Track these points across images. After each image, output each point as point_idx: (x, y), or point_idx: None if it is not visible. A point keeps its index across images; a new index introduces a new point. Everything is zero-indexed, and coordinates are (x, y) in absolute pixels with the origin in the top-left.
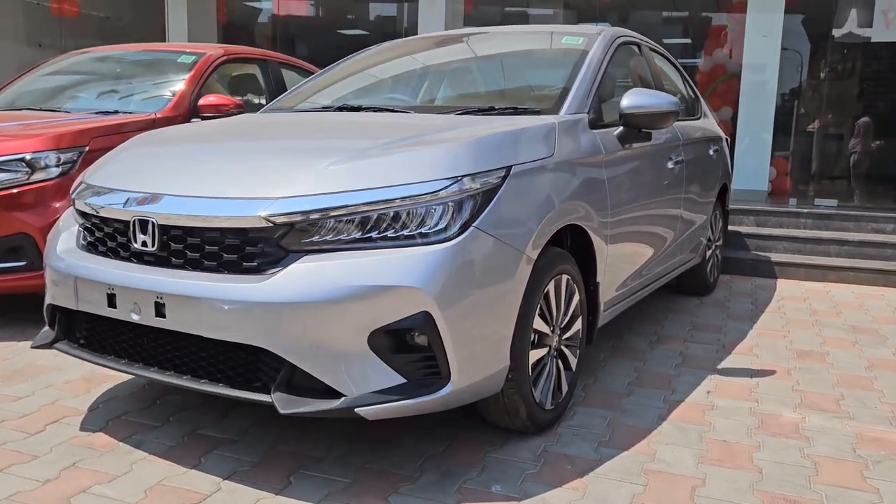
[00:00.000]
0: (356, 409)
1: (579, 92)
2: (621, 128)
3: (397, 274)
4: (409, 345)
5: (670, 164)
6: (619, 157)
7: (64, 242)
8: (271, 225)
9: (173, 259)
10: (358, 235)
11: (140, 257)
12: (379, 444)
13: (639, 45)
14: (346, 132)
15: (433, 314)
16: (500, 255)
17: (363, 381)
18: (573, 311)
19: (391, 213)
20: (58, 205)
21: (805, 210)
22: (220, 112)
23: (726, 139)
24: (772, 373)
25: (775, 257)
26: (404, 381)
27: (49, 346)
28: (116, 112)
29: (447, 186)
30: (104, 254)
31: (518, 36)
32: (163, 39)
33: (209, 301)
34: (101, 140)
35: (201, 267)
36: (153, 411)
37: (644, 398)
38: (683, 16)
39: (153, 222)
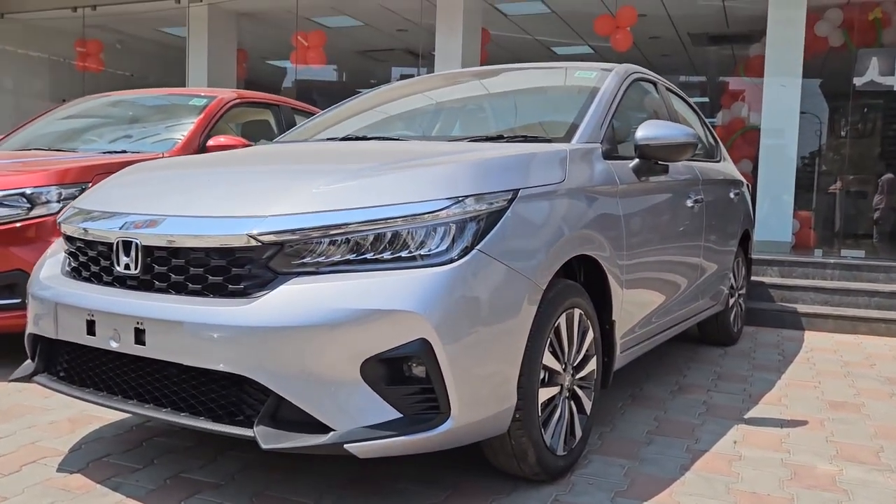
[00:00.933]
0: (346, 446)
1: (592, 121)
2: (636, 160)
3: (393, 297)
4: (406, 376)
5: (689, 203)
6: (635, 189)
7: (48, 269)
8: (259, 244)
9: (156, 283)
10: (352, 257)
11: (123, 282)
12: (374, 491)
13: (654, 84)
14: (346, 157)
15: (431, 341)
16: (505, 281)
17: (354, 414)
18: (587, 350)
19: (388, 234)
20: (50, 243)
21: (832, 261)
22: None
23: (747, 185)
24: (804, 423)
25: (802, 308)
26: (399, 415)
27: (28, 378)
28: (125, 152)
29: (449, 206)
30: (87, 279)
31: (531, 73)
32: None
33: (190, 326)
34: (104, 178)
35: (185, 290)
36: (137, 453)
37: (665, 447)
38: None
39: (137, 243)
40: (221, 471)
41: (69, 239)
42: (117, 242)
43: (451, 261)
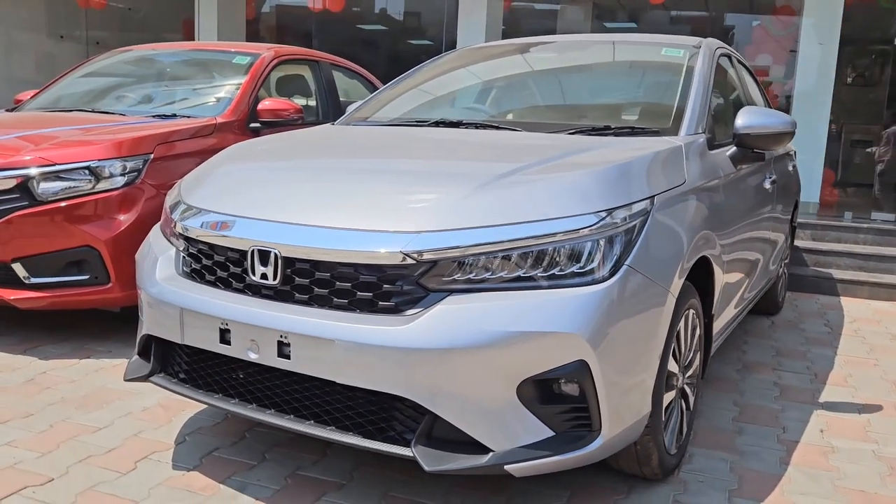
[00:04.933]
0: (506, 466)
1: (695, 111)
2: (734, 148)
3: (551, 318)
4: (558, 394)
5: (767, 185)
6: (732, 179)
7: (163, 268)
8: (413, 262)
9: (296, 294)
10: (505, 275)
11: (257, 290)
12: (496, 490)
13: (730, 58)
14: (469, 154)
15: (590, 362)
16: (649, 294)
17: (511, 434)
18: (694, 347)
19: (542, 251)
20: (122, 216)
21: (865, 225)
22: (279, 117)
23: (794, 152)
24: (878, 408)
25: (837, 274)
26: (552, 434)
27: (144, 378)
28: (175, 116)
29: (601, 220)
30: (213, 284)
31: (610, 46)
32: (186, 32)
33: (343, 344)
34: (165, 147)
35: (330, 304)
36: (245, 447)
37: (757, 438)
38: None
39: (276, 254)
40: (336, 468)
41: (188, 240)
42: (252, 251)
43: (605, 278)
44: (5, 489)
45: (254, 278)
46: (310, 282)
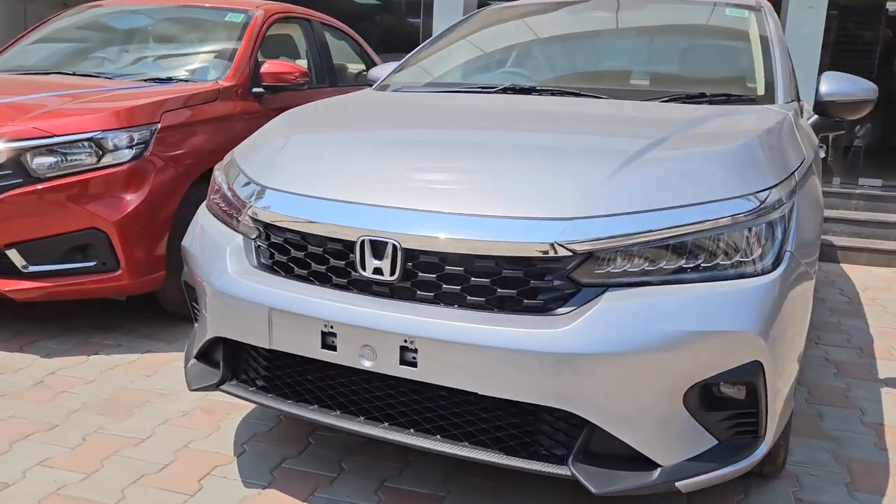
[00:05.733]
0: (676, 483)
1: (785, 77)
2: (815, 117)
3: (726, 316)
4: (725, 399)
5: (821, 154)
6: (814, 151)
7: (234, 260)
8: (569, 254)
9: (419, 292)
10: (667, 266)
11: (365, 287)
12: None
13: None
14: (578, 127)
15: (764, 363)
16: (805, 283)
17: (678, 446)
18: None
19: (705, 239)
20: (131, 195)
21: (856, 191)
22: (283, 81)
23: None
24: None
25: (836, 241)
26: (715, 443)
27: (214, 387)
28: (171, 80)
29: (762, 203)
30: (306, 279)
31: (665, 4)
32: None
33: (488, 350)
34: (172, 115)
35: (462, 303)
36: (315, 456)
37: (840, 421)
38: None
39: (394, 245)
40: (425, 477)
41: (269, 227)
42: (362, 242)
43: (771, 268)
44: None
45: (363, 273)
46: (437, 277)
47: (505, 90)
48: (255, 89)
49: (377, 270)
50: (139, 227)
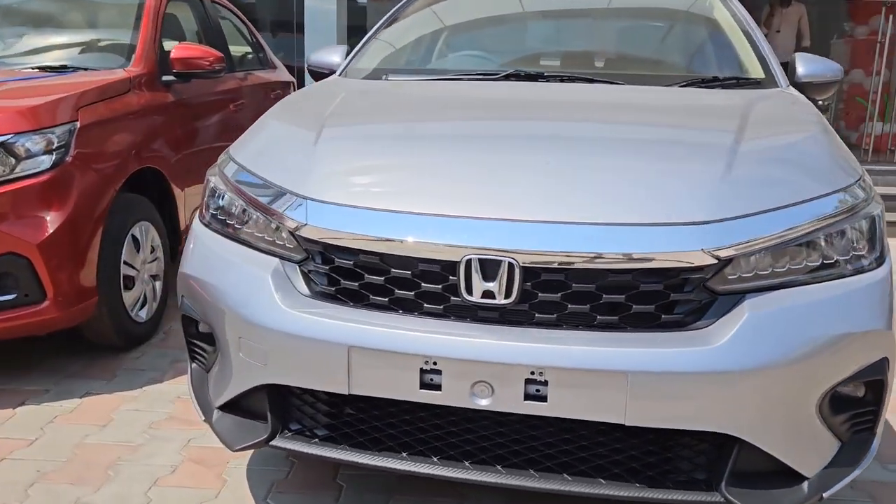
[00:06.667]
0: (824, 494)
1: (773, 58)
2: None
3: (863, 314)
4: (850, 399)
5: None
6: None
7: (281, 289)
8: (714, 262)
9: (537, 314)
10: (794, 266)
11: (468, 313)
12: None
13: None
14: (643, 118)
15: (890, 359)
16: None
17: (818, 454)
18: None
19: (828, 236)
20: (55, 210)
21: None
22: (197, 68)
23: None
24: None
25: None
26: (839, 444)
27: (263, 444)
28: (67, 69)
29: (863, 196)
30: (388, 308)
31: None
32: None
33: (636, 376)
34: (90, 112)
35: (591, 325)
36: (356, 501)
37: None
38: None
39: (511, 263)
40: None
41: (329, 248)
42: (468, 261)
43: (878, 262)
44: None
45: (469, 298)
46: (562, 297)
47: (509, 76)
48: (164, 77)
49: (487, 294)
50: (67, 247)
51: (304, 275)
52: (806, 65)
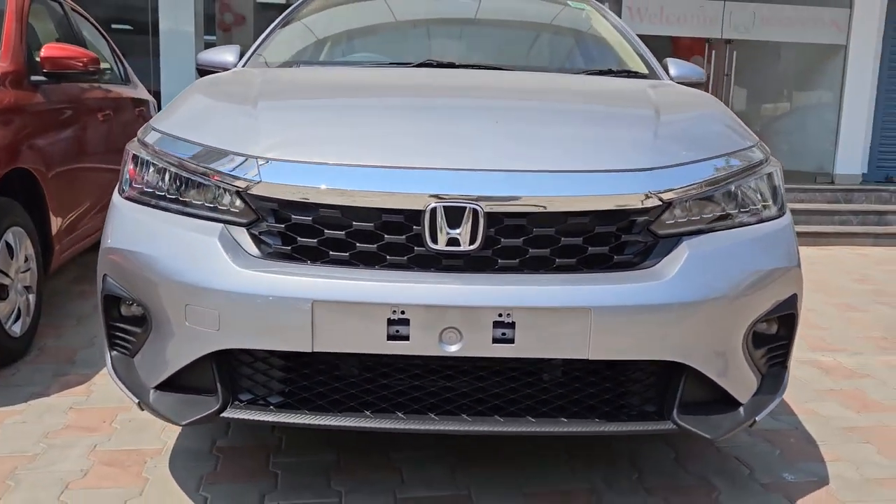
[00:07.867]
0: (756, 418)
1: (652, 57)
2: None
3: (775, 254)
4: (766, 334)
5: None
6: None
7: (231, 251)
8: (658, 204)
9: (500, 260)
10: (723, 212)
11: (432, 262)
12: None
13: None
14: (564, 97)
15: (798, 294)
16: None
17: (744, 385)
18: None
19: (739, 189)
20: None
21: None
22: (69, 68)
23: None
24: None
25: None
26: (760, 377)
27: (214, 416)
28: None
29: (761, 154)
30: (348, 263)
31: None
32: None
33: (599, 311)
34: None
35: (550, 267)
36: (295, 485)
37: None
38: None
39: (476, 210)
40: (431, 479)
41: (286, 206)
42: (432, 209)
43: (780, 211)
44: None
45: (434, 246)
46: (524, 242)
47: (422, 65)
48: (33, 77)
49: (452, 241)
50: None
51: (254, 237)
52: (676, 67)
